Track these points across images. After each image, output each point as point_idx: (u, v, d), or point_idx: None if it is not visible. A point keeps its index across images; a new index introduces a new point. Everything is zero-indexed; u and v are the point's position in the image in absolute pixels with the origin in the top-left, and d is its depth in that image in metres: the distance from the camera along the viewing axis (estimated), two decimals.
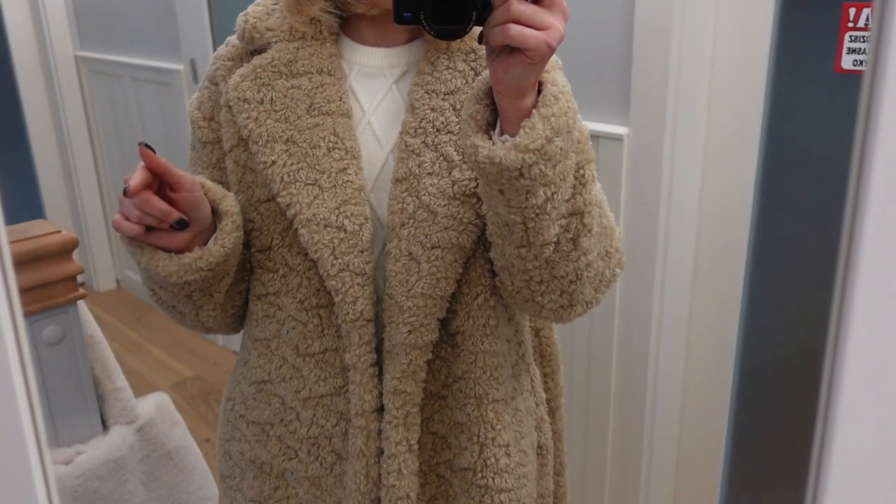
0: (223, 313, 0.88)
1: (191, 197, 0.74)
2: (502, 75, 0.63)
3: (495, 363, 0.83)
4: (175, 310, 0.86)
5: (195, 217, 0.76)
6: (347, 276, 0.78)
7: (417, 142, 0.78)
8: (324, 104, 0.80)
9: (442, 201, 0.77)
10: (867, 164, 0.27)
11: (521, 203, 0.67)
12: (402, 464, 0.80)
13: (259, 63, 0.82)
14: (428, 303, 0.78)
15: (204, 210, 0.77)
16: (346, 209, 0.78)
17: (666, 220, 1.48)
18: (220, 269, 0.79)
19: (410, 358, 0.79)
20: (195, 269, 0.77)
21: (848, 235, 0.28)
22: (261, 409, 0.88)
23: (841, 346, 0.30)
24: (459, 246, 0.77)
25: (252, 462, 0.90)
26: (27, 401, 0.30)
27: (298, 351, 0.84)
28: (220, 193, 0.80)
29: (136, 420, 1.23)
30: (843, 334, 0.29)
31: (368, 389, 0.81)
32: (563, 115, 0.65)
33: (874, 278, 0.28)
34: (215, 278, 0.80)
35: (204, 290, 0.82)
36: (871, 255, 0.28)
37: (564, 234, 0.72)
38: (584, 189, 0.72)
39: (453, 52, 0.81)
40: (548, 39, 0.60)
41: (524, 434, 0.89)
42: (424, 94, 0.79)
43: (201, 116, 0.87)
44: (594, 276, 0.77)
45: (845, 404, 0.30)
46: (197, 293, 0.82)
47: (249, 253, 0.86)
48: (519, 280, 0.76)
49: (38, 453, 0.31)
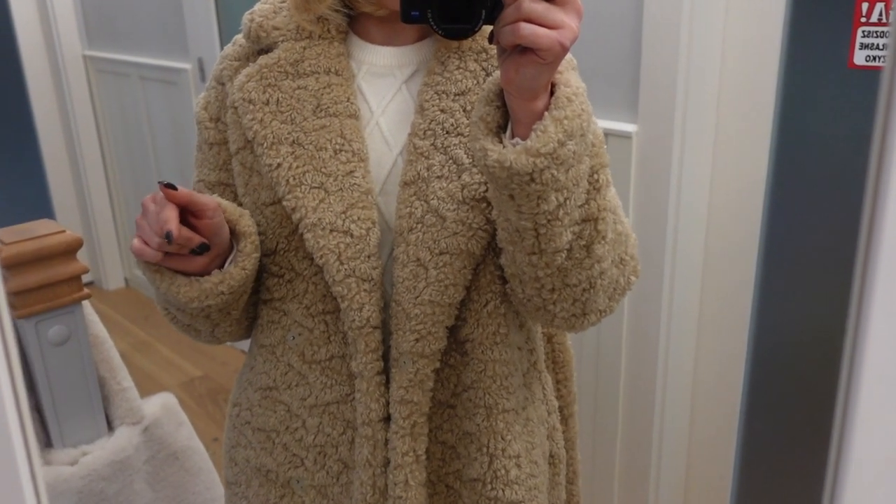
0: (238, 327, 0.87)
1: (213, 222, 0.74)
2: (513, 76, 0.61)
3: (505, 372, 0.81)
4: (191, 328, 0.86)
5: (216, 241, 0.75)
6: (353, 282, 0.76)
7: (426, 144, 0.76)
8: (331, 105, 0.78)
9: (451, 206, 0.75)
10: (886, 162, 0.26)
11: (533, 209, 0.65)
12: (408, 475, 0.79)
13: (265, 63, 0.80)
14: (436, 310, 0.76)
15: (224, 234, 0.76)
16: (352, 213, 0.76)
17: (675, 218, 1.46)
18: (239, 290, 0.79)
19: (418, 367, 0.78)
20: (216, 293, 0.76)
21: (867, 234, 0.27)
22: (266, 416, 0.87)
23: (859, 350, 0.28)
24: (468, 252, 0.75)
25: (258, 469, 0.89)
26: (14, 403, 0.29)
27: (304, 358, 0.83)
28: (236, 213, 0.78)
29: (142, 420, 1.23)
30: (862, 335, 0.28)
31: (375, 398, 0.79)
32: (576, 118, 0.62)
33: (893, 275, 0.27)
34: (234, 298, 0.80)
35: (222, 310, 0.81)
36: (891, 253, 0.27)
37: (577, 241, 0.69)
38: (598, 194, 0.69)
39: (464, 52, 0.78)
40: (560, 39, 0.58)
41: (536, 444, 0.87)
42: (434, 95, 0.77)
43: (208, 117, 0.85)
44: (608, 284, 0.74)
45: (863, 408, 0.29)
46: (215, 313, 0.81)
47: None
48: (530, 288, 0.73)
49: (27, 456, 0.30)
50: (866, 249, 0.27)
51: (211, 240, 0.74)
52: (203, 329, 0.85)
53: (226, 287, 0.76)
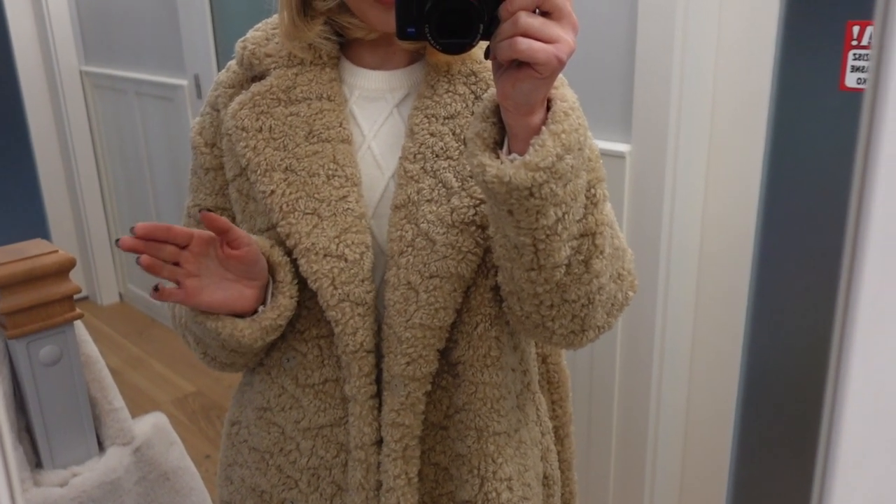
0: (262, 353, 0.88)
1: (251, 250, 0.74)
2: (510, 91, 0.61)
3: (497, 395, 0.81)
4: (233, 366, 0.86)
5: (255, 271, 0.75)
6: (348, 307, 0.77)
7: (416, 168, 0.77)
8: (323, 131, 0.79)
9: (441, 229, 0.75)
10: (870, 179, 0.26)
11: (532, 224, 0.65)
12: (400, 497, 0.79)
13: (257, 91, 0.81)
14: (426, 333, 0.76)
15: (262, 263, 0.76)
16: (346, 238, 0.77)
17: (668, 238, 1.46)
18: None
19: (409, 390, 0.77)
20: (275, 327, 0.77)
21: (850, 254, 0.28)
22: (261, 437, 0.87)
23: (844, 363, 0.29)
24: (458, 275, 0.75)
25: (252, 489, 0.88)
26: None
27: (298, 381, 0.83)
28: (266, 244, 0.79)
29: (133, 441, 1.22)
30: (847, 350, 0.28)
31: (368, 422, 0.79)
32: (573, 132, 0.62)
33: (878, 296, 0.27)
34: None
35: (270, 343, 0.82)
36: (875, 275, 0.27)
37: (576, 256, 0.69)
38: (595, 209, 0.70)
39: (453, 76, 0.79)
40: (557, 53, 0.58)
41: (528, 466, 0.86)
42: (424, 119, 0.78)
43: (203, 142, 0.85)
44: (606, 299, 0.74)
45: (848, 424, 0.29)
46: (262, 347, 0.82)
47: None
48: (529, 305, 0.73)
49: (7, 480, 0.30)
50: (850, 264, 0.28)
51: (251, 269, 0.75)
52: (247, 362, 0.86)
53: (283, 320, 0.77)
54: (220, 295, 0.74)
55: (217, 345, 0.80)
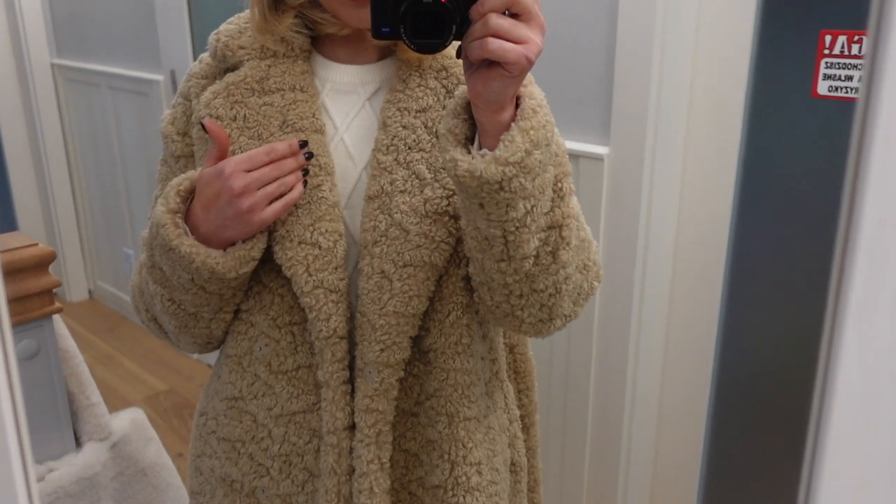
0: (227, 321, 0.86)
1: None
2: (481, 89, 0.63)
3: (467, 381, 0.83)
4: (195, 316, 0.84)
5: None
6: (321, 294, 0.78)
7: (389, 159, 0.79)
8: (297, 121, 0.80)
9: (414, 219, 0.77)
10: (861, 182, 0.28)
11: (502, 216, 0.67)
12: (373, 482, 0.80)
13: (231, 80, 0.82)
14: (400, 321, 0.78)
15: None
16: (320, 226, 0.78)
17: (645, 239, 1.49)
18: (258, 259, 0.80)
19: (383, 376, 0.79)
20: (248, 259, 0.78)
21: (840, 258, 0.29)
22: (232, 426, 0.87)
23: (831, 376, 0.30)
24: (431, 264, 0.78)
25: (223, 479, 0.89)
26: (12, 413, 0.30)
27: (271, 368, 0.83)
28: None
29: (110, 436, 1.21)
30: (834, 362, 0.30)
31: (340, 407, 0.80)
32: (541, 128, 0.65)
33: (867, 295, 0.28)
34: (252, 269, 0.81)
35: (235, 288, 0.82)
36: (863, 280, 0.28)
37: (544, 248, 0.72)
38: (562, 202, 0.73)
39: (425, 70, 0.81)
40: (527, 53, 0.61)
41: (497, 452, 0.88)
42: (396, 112, 0.80)
43: (175, 131, 0.87)
44: (573, 289, 0.78)
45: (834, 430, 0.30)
46: (227, 291, 0.81)
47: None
48: (499, 295, 0.76)
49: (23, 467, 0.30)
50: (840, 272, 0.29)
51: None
52: (205, 315, 0.84)
53: (257, 252, 0.78)
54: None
55: (186, 280, 0.79)
